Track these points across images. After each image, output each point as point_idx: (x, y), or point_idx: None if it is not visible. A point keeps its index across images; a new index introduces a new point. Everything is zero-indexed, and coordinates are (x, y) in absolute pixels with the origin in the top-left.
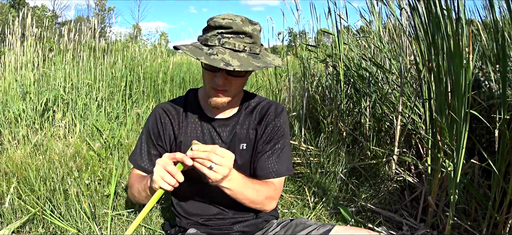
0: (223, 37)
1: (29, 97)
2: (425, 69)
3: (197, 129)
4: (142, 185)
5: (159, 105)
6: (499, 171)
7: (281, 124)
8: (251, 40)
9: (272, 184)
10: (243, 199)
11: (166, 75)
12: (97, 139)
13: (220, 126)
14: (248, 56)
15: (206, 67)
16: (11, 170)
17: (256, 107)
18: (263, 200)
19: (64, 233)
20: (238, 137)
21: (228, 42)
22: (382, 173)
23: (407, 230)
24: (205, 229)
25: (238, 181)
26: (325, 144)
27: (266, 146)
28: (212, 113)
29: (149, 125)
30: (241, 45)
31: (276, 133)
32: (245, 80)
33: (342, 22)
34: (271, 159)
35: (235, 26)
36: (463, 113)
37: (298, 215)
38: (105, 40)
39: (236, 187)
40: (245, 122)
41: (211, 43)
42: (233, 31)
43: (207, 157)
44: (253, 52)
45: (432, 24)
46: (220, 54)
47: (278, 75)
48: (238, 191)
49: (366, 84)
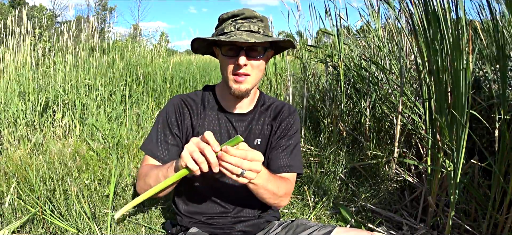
0: (237, 23)
1: (28, 97)
2: (425, 69)
3: (214, 122)
4: (164, 169)
5: (176, 96)
6: (499, 171)
7: (295, 122)
8: (263, 23)
9: (288, 180)
10: (264, 193)
11: (166, 75)
12: (97, 139)
13: (237, 121)
14: (264, 36)
15: (226, 54)
16: (11, 170)
17: (270, 105)
18: (282, 195)
19: (64, 233)
20: (253, 133)
21: (243, 25)
22: (382, 173)
23: (407, 230)
24: (206, 228)
25: (263, 176)
26: (325, 144)
27: (280, 141)
28: (230, 108)
29: (166, 114)
30: (255, 27)
31: (290, 129)
32: (262, 69)
33: (342, 22)
34: (284, 153)
35: (247, 12)
36: (463, 113)
37: (298, 215)
38: (105, 40)
39: (261, 182)
40: (260, 119)
41: (227, 30)
42: (246, 16)
43: (237, 164)
44: (266, 34)
45: (432, 22)
46: (238, 35)
47: (278, 75)
48: (262, 186)
49: (366, 84)
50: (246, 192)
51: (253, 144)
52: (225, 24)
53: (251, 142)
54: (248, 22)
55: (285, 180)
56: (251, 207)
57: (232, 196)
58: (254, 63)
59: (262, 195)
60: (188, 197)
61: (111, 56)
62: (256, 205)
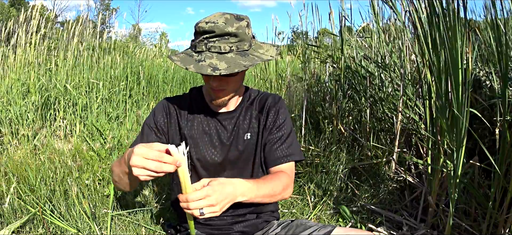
0: (209, 42)
1: (30, 97)
2: (426, 68)
3: (203, 123)
4: (122, 164)
5: (164, 98)
6: (500, 170)
7: (281, 109)
8: (236, 38)
9: (284, 173)
10: (262, 200)
11: (166, 74)
12: (97, 139)
13: (225, 119)
14: (236, 55)
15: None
16: (11, 170)
17: (255, 98)
18: (280, 191)
19: (64, 233)
20: (242, 128)
21: (214, 45)
22: (382, 173)
23: (407, 230)
24: (204, 229)
25: (249, 189)
26: (325, 144)
27: (271, 135)
28: (216, 108)
29: (153, 114)
30: (226, 46)
31: (278, 119)
32: (240, 78)
33: (344, 22)
34: (277, 145)
35: (217, 29)
36: (463, 112)
37: (298, 215)
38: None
39: (251, 195)
40: (247, 113)
41: (199, 48)
42: (217, 35)
43: (197, 207)
44: (241, 50)
45: (432, 22)
46: (208, 59)
47: (279, 76)
48: (254, 197)
49: (366, 84)
50: None
51: (243, 139)
52: (198, 39)
53: (240, 138)
54: (219, 41)
55: (280, 174)
56: (248, 205)
57: None
58: (229, 80)
59: (260, 202)
60: None
61: (112, 56)
62: (253, 203)
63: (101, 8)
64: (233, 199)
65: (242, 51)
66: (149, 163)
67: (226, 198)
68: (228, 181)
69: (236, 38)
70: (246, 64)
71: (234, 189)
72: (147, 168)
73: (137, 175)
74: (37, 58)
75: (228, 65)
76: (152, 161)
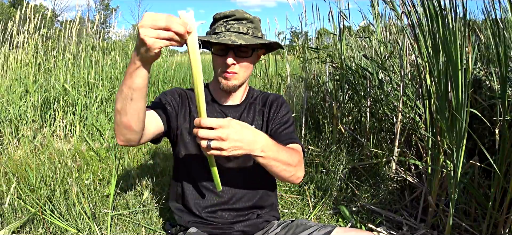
0: (228, 23)
1: (29, 96)
2: (425, 69)
3: (210, 114)
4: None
5: (175, 87)
6: (500, 170)
7: (284, 104)
8: (253, 25)
9: (296, 149)
10: (278, 166)
11: (166, 75)
12: (97, 139)
13: (230, 112)
14: (252, 38)
15: (216, 52)
16: (11, 170)
17: (258, 96)
18: (296, 163)
19: (64, 233)
20: (246, 121)
21: (233, 26)
22: (382, 173)
23: (407, 230)
24: (205, 228)
25: (270, 147)
26: (325, 144)
27: (276, 122)
28: (223, 101)
29: (164, 93)
30: (244, 28)
31: (281, 110)
32: (251, 63)
33: (343, 22)
34: (283, 128)
35: (238, 13)
36: (463, 113)
37: (298, 215)
38: (105, 40)
39: (270, 153)
40: (251, 108)
41: (218, 30)
42: (236, 18)
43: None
44: (255, 35)
45: (431, 23)
46: (227, 36)
47: (279, 75)
48: (273, 157)
49: (366, 84)
50: (242, 182)
51: None
52: (217, 24)
53: None
54: (238, 24)
55: (293, 149)
56: (248, 200)
57: (228, 186)
58: (242, 63)
59: (276, 168)
60: (183, 190)
61: (112, 56)
62: (253, 197)
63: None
64: (250, 148)
65: (256, 36)
66: (159, 22)
67: (240, 141)
68: (251, 127)
69: (252, 24)
70: (263, 41)
71: (254, 137)
72: (157, 27)
73: (150, 45)
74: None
75: (246, 42)
76: (161, 20)
